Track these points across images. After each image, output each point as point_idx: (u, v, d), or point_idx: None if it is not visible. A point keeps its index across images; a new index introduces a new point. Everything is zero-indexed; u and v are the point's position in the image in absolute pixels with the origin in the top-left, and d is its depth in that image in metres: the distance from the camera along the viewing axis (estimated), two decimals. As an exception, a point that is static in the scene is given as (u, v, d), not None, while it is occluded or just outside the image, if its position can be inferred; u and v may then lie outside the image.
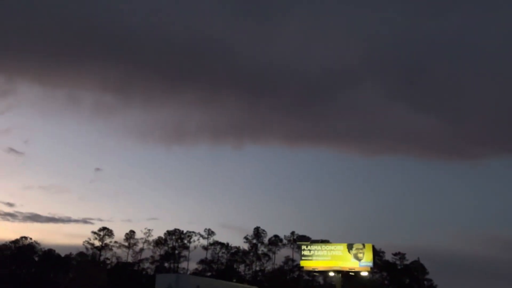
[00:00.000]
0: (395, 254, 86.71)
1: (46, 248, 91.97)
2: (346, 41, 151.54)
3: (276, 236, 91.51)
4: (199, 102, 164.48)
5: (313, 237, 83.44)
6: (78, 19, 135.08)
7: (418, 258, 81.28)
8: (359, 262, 46.08)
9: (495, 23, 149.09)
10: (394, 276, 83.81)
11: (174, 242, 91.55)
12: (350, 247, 46.94)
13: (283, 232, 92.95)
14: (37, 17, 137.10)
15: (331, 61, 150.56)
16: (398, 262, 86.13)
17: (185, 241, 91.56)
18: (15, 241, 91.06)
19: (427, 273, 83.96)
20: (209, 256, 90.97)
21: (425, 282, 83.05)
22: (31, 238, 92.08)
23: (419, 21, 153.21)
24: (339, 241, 50.76)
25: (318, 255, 48.18)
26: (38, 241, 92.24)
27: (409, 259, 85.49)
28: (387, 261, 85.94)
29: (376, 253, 77.96)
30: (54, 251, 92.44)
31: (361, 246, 46.57)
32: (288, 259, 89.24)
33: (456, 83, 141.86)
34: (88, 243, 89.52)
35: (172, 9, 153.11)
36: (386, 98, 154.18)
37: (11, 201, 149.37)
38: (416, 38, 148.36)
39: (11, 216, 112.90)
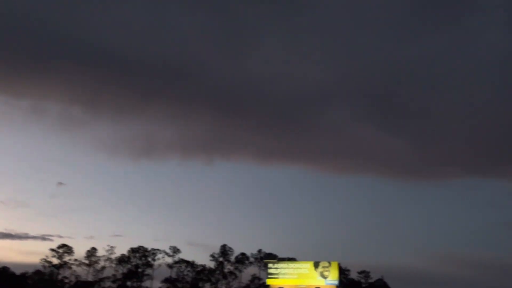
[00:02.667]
0: (360, 273, 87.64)
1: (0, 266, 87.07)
2: (319, 64, 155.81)
3: (243, 254, 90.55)
4: (170, 118, 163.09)
5: (281, 255, 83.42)
6: (48, 29, 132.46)
7: (382, 276, 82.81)
8: (325, 280, 46.32)
9: (461, 53, 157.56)
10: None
11: (138, 260, 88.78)
12: (316, 265, 47.20)
13: (251, 250, 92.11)
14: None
15: (305, 81, 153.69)
16: (363, 281, 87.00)
17: (149, 259, 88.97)
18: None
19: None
20: (173, 275, 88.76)
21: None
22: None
23: (389, 49, 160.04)
24: (306, 259, 50.63)
25: (284, 273, 48.08)
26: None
27: (374, 277, 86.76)
28: (352, 280, 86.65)
29: (342, 271, 78.42)
30: (9, 268, 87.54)
31: (327, 264, 46.90)
32: (254, 278, 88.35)
33: (422, 108, 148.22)
34: (46, 261, 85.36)
35: (148, 27, 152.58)
36: (356, 119, 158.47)
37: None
38: (386, 65, 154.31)
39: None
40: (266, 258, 79.80)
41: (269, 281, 49.21)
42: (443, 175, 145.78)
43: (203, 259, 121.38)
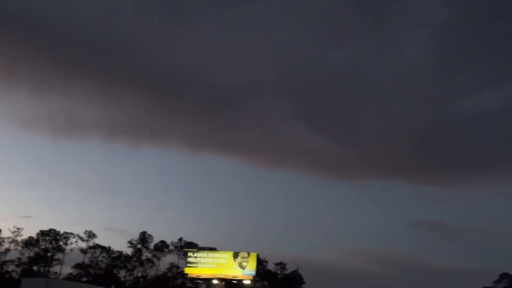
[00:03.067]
0: (277, 264, 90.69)
1: None
2: (256, 56, 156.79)
3: (162, 241, 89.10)
4: (95, 94, 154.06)
5: (202, 245, 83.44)
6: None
7: (297, 268, 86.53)
8: (243, 271, 47.08)
9: (387, 61, 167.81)
10: (274, 285, 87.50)
11: (48, 244, 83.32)
12: (235, 256, 47.74)
13: (171, 238, 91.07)
14: None
15: (240, 72, 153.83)
16: (279, 272, 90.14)
17: (61, 243, 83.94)
18: None
19: (304, 282, 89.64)
20: (87, 260, 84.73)
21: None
22: None
23: (323, 50, 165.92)
24: (226, 249, 51.11)
25: (203, 263, 48.10)
26: None
27: (289, 269, 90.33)
28: (269, 270, 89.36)
29: (260, 262, 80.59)
30: None
31: (246, 255, 47.64)
32: (172, 266, 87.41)
33: (350, 110, 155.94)
34: None
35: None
36: (286, 115, 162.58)
37: None
38: (320, 65, 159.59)
39: None
40: (186, 247, 79.44)
41: (187, 270, 48.84)
42: (362, 176, 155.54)
43: (121, 245, 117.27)
